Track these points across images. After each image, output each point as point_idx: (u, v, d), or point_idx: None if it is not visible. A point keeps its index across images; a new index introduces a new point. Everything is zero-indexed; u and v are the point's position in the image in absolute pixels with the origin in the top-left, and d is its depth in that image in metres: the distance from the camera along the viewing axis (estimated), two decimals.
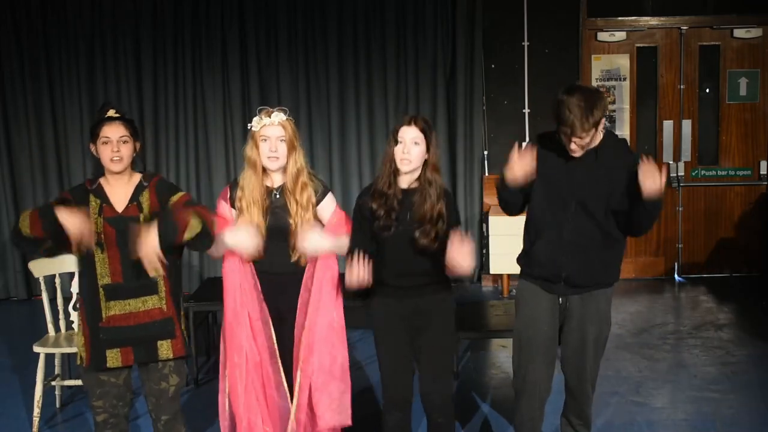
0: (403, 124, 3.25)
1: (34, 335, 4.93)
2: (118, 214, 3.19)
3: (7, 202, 7.18)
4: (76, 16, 7.01)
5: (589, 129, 3.09)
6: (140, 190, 3.24)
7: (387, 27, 7.04)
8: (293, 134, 3.42)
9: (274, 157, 3.36)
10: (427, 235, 3.22)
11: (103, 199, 3.21)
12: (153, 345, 3.21)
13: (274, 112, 3.41)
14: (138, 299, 3.19)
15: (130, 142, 3.22)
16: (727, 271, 7.45)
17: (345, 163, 7.19)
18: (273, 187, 3.43)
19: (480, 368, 5.13)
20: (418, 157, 3.22)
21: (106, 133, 3.18)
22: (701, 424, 4.20)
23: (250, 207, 3.37)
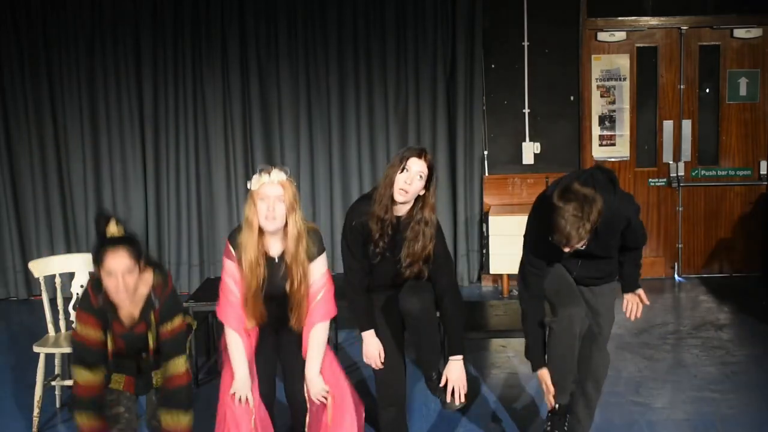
0: (413, 155, 3.26)
1: (34, 335, 4.93)
2: (127, 332, 3.20)
3: (7, 202, 7.17)
4: (76, 16, 7.01)
5: (584, 238, 3.10)
6: (149, 307, 3.19)
7: (387, 26, 7.04)
8: (293, 195, 3.32)
9: (272, 217, 3.26)
10: (414, 271, 3.34)
11: (113, 314, 3.16)
12: (148, 376, 3.33)
13: (274, 171, 3.31)
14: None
15: (135, 270, 3.08)
16: (727, 271, 7.45)
17: (345, 163, 7.19)
18: (271, 257, 3.37)
19: (480, 368, 5.13)
20: (416, 190, 3.27)
21: (110, 266, 3.03)
22: (701, 424, 4.19)
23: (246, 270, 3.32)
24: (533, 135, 7.20)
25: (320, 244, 3.43)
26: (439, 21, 7.03)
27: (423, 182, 3.24)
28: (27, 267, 5.53)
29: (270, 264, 3.35)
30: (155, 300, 3.19)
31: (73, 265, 4.52)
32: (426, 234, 3.26)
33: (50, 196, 7.20)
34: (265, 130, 7.10)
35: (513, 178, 7.20)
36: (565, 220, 3.05)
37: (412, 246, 3.26)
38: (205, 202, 7.23)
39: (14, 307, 7.11)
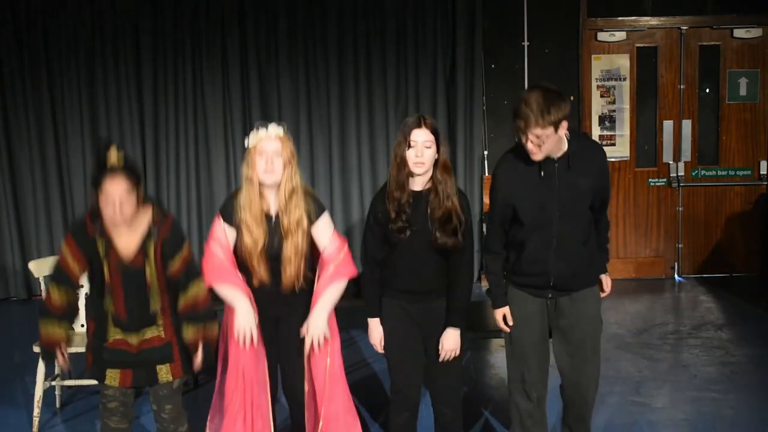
0: (414, 127, 3.21)
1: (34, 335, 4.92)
2: (124, 263, 3.16)
3: (7, 202, 7.17)
4: (76, 16, 7.01)
5: (545, 125, 3.01)
6: (149, 239, 3.17)
7: (387, 27, 7.04)
8: (290, 151, 3.33)
9: (270, 171, 3.28)
10: (448, 233, 3.21)
11: (108, 242, 3.14)
12: (152, 369, 3.26)
13: (272, 126, 3.32)
14: (139, 332, 3.23)
15: (133, 194, 3.08)
16: (727, 271, 7.45)
17: (345, 164, 7.19)
18: (270, 214, 3.37)
19: (480, 368, 5.13)
20: (429, 159, 3.22)
21: (109, 192, 3.03)
22: (701, 424, 4.19)
23: (252, 226, 3.32)
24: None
25: (319, 204, 3.43)
26: (439, 21, 7.03)
27: (433, 149, 3.22)
28: (27, 267, 5.51)
29: (269, 222, 3.36)
30: (155, 232, 3.17)
31: None
32: (447, 193, 3.23)
33: (50, 196, 7.20)
34: None
35: None
36: (526, 104, 3.01)
37: (437, 208, 3.22)
38: (205, 201, 7.23)
39: (14, 307, 7.11)
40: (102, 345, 3.23)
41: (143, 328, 3.22)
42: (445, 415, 3.41)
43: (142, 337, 3.22)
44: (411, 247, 3.25)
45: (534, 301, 3.34)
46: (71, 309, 3.22)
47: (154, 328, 3.23)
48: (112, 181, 3.03)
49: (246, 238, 3.33)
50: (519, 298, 3.37)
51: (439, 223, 3.21)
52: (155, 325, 3.23)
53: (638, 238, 7.43)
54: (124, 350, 3.23)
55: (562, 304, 3.32)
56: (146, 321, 3.22)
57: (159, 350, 3.25)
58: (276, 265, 3.37)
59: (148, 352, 3.24)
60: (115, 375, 3.23)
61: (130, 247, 3.15)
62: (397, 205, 3.23)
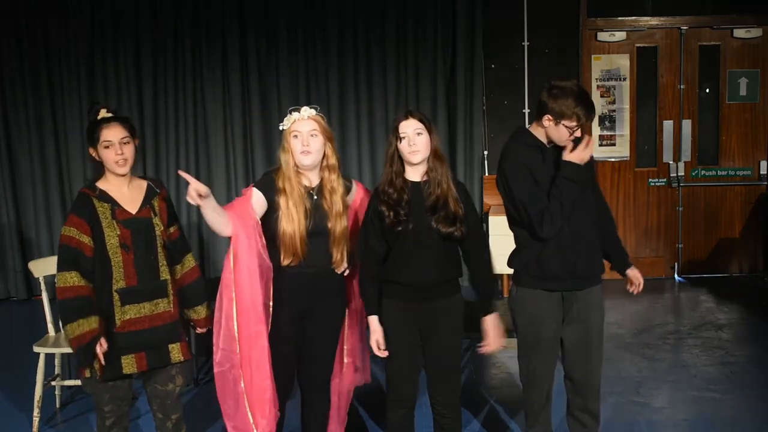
0: (401, 120, 3.26)
1: (34, 335, 4.93)
2: (132, 216, 3.18)
3: (7, 202, 7.18)
4: (76, 16, 7.01)
5: None
6: (152, 194, 3.26)
7: (387, 27, 7.04)
8: (327, 128, 3.37)
9: (307, 152, 3.30)
10: (444, 221, 3.22)
11: (112, 203, 3.16)
12: (165, 349, 3.23)
13: (304, 108, 3.36)
14: (151, 302, 3.19)
15: (131, 142, 3.20)
16: (727, 271, 7.45)
17: (345, 164, 7.18)
18: (311, 187, 3.38)
19: (480, 368, 5.13)
20: (425, 145, 3.24)
21: (107, 137, 3.14)
22: (701, 424, 4.19)
23: (295, 208, 3.30)
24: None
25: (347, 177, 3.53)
26: (439, 21, 7.03)
27: (426, 136, 3.24)
28: (27, 267, 5.52)
29: (309, 196, 3.36)
30: (156, 189, 3.26)
31: None
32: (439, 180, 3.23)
33: (50, 196, 7.20)
34: (265, 130, 7.10)
35: None
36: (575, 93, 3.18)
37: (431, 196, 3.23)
38: None
39: (14, 307, 7.11)
40: (112, 333, 3.13)
41: (156, 297, 3.19)
42: (444, 417, 3.42)
43: (155, 308, 3.18)
44: (412, 239, 3.25)
45: (549, 298, 3.36)
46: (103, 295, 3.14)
47: (166, 300, 3.22)
48: (109, 127, 3.16)
49: (286, 223, 3.29)
50: (532, 296, 3.37)
51: (435, 210, 3.22)
52: (166, 298, 3.22)
53: (638, 238, 7.43)
54: (136, 331, 3.16)
55: (576, 297, 3.36)
56: (158, 289, 3.20)
57: (170, 327, 3.22)
58: (320, 243, 3.36)
59: (159, 331, 3.20)
60: (131, 361, 3.16)
61: (135, 201, 3.21)
62: (389, 200, 3.25)
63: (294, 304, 3.39)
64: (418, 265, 3.26)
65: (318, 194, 3.37)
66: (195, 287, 3.33)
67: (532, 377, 3.43)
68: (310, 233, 3.33)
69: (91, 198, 3.15)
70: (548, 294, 3.35)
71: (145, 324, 3.17)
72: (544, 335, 3.37)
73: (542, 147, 3.32)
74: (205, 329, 3.38)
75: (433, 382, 3.39)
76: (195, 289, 3.32)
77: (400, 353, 3.34)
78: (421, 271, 3.27)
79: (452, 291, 3.35)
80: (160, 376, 3.27)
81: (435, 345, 3.34)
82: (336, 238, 3.36)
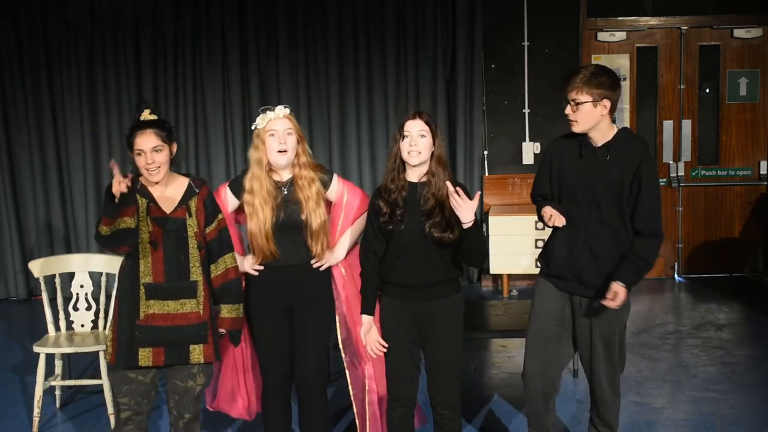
0: (408, 119, 3.26)
1: (34, 335, 4.93)
2: (165, 215, 3.19)
3: (7, 202, 7.17)
4: (76, 16, 7.01)
5: (582, 90, 3.13)
6: (190, 194, 3.25)
7: (387, 27, 7.04)
8: (299, 126, 3.45)
9: (283, 151, 3.35)
10: (438, 226, 3.21)
11: (150, 199, 3.20)
12: (185, 348, 3.22)
13: (278, 107, 3.41)
14: (177, 301, 3.19)
15: (164, 149, 3.19)
16: (727, 271, 7.45)
17: (345, 164, 7.19)
18: (282, 182, 3.42)
19: (480, 368, 5.13)
20: (426, 148, 3.23)
21: (139, 145, 3.16)
22: (701, 424, 4.19)
23: (261, 206, 3.35)
24: (533, 135, 7.20)
25: (326, 170, 3.55)
26: (439, 21, 7.03)
27: (429, 139, 3.23)
28: (27, 267, 5.52)
29: (280, 191, 3.40)
30: (196, 190, 3.26)
31: (73, 265, 4.52)
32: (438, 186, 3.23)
33: (50, 196, 7.20)
34: None
35: (513, 178, 7.20)
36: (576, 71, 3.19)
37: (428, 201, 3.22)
38: None
39: (14, 307, 7.10)
40: (133, 324, 3.15)
41: (182, 297, 3.19)
42: (444, 417, 3.41)
43: (180, 308, 3.19)
44: (407, 239, 3.25)
45: (556, 295, 3.35)
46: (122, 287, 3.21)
47: (194, 301, 3.21)
48: (142, 134, 3.17)
49: (252, 221, 3.37)
50: (543, 289, 3.38)
51: (430, 214, 3.22)
52: (195, 299, 3.21)
53: None
54: (158, 326, 3.16)
55: (583, 305, 3.31)
56: (186, 289, 3.20)
57: (194, 328, 3.21)
58: (293, 237, 3.39)
59: (183, 330, 3.19)
60: (147, 354, 3.16)
61: (172, 201, 3.22)
62: (388, 197, 3.26)
63: (276, 300, 3.43)
64: (413, 265, 3.27)
65: (289, 189, 3.41)
66: (223, 288, 3.30)
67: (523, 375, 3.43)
68: (281, 228, 3.37)
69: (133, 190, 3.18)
70: (556, 291, 3.35)
71: (167, 321, 3.18)
72: (542, 330, 3.36)
73: (583, 141, 3.26)
74: (227, 330, 3.33)
75: (433, 382, 3.39)
76: (223, 290, 3.30)
77: (400, 352, 3.34)
78: (415, 271, 3.27)
79: (451, 291, 3.34)
80: (181, 372, 3.26)
81: (434, 345, 3.34)
82: (313, 230, 3.38)
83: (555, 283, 3.35)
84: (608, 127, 3.23)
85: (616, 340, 3.34)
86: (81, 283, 4.46)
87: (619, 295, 3.17)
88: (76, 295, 4.46)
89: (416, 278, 3.27)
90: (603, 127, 3.21)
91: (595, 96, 3.14)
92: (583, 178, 3.23)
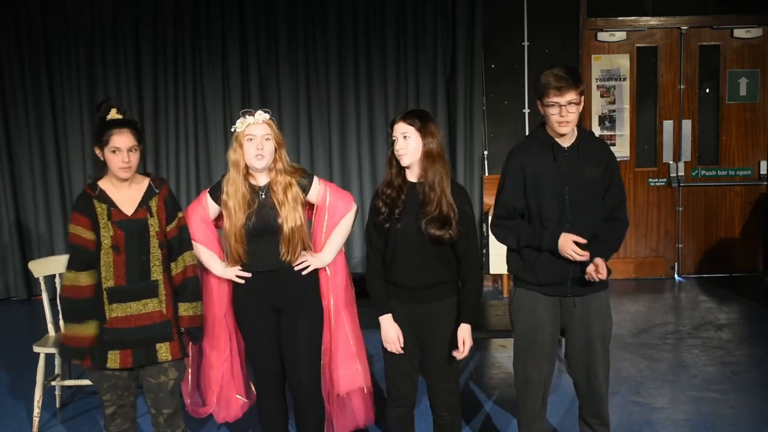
0: (395, 124, 3.30)
1: (34, 335, 4.93)
2: (127, 218, 3.24)
3: (7, 202, 7.18)
4: (76, 16, 7.01)
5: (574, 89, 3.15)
6: (150, 195, 3.30)
7: (387, 27, 7.04)
8: (278, 133, 3.45)
9: (260, 155, 3.35)
10: (435, 222, 3.21)
11: (110, 204, 3.24)
12: (152, 347, 3.27)
13: (258, 112, 3.41)
14: (139, 302, 3.25)
15: (138, 150, 3.25)
16: (727, 271, 7.45)
17: (345, 164, 7.19)
18: (258, 186, 3.43)
19: (480, 368, 5.13)
20: (411, 148, 3.24)
21: (116, 143, 3.19)
22: (701, 424, 4.19)
23: (235, 209, 3.37)
24: None
25: (307, 173, 3.54)
26: (439, 21, 7.03)
27: (414, 138, 3.24)
28: (27, 267, 5.52)
29: (257, 195, 3.41)
30: (156, 189, 3.31)
31: None
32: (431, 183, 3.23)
33: (50, 196, 7.21)
34: None
35: None
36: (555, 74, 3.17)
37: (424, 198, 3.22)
38: None
39: (14, 307, 7.11)
40: (102, 327, 3.24)
41: (144, 298, 3.25)
42: (443, 418, 3.42)
43: (143, 308, 3.24)
44: (404, 238, 3.26)
45: (546, 302, 3.33)
46: (98, 293, 3.23)
47: (156, 300, 3.26)
48: (120, 133, 3.20)
49: (227, 221, 3.41)
50: (530, 299, 3.36)
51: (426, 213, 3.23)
52: (157, 298, 3.26)
53: (638, 238, 7.43)
54: (123, 329, 3.23)
55: (576, 304, 3.31)
56: (147, 290, 3.25)
57: (159, 327, 3.27)
58: (271, 242, 3.40)
59: (147, 330, 3.25)
60: (115, 357, 3.24)
61: (132, 202, 3.26)
62: (386, 197, 3.29)
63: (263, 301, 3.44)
64: (410, 266, 3.27)
65: (266, 193, 3.41)
66: (182, 286, 3.34)
67: (527, 384, 3.40)
68: (256, 232, 3.39)
69: (91, 197, 3.24)
70: (545, 298, 3.33)
71: (130, 323, 3.24)
72: (540, 340, 3.35)
73: (555, 145, 3.27)
74: (185, 328, 3.35)
75: (432, 383, 3.39)
76: (182, 288, 3.34)
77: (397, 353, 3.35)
78: (413, 272, 3.27)
79: (449, 293, 3.34)
80: (152, 369, 3.32)
81: (433, 346, 3.34)
82: (284, 234, 3.38)
83: (545, 291, 3.33)
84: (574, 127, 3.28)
85: (609, 334, 3.39)
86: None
87: (600, 266, 3.19)
88: None
89: (414, 279, 3.28)
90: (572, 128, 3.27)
91: (582, 94, 3.21)
92: (562, 180, 3.25)
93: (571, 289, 3.30)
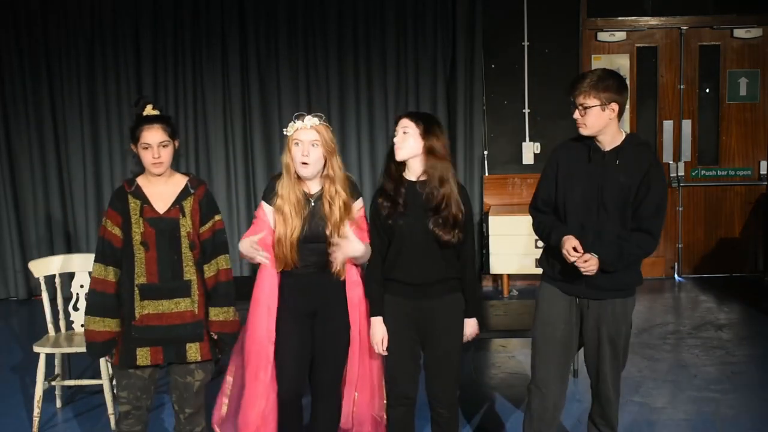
0: (398, 121, 3.33)
1: (34, 335, 4.93)
2: (159, 216, 3.25)
3: (7, 202, 7.17)
4: (76, 16, 7.01)
5: (590, 94, 3.14)
6: (185, 194, 3.31)
7: (387, 27, 7.04)
8: (330, 139, 3.36)
9: (305, 163, 3.30)
10: (445, 225, 3.22)
11: (143, 200, 3.26)
12: (182, 347, 3.28)
13: (308, 117, 3.35)
14: (171, 300, 3.26)
15: (170, 145, 3.27)
16: (727, 271, 7.45)
17: (345, 164, 7.12)
18: (310, 194, 3.39)
19: (480, 368, 5.13)
20: (410, 145, 3.25)
21: (146, 140, 3.22)
22: (701, 424, 4.20)
23: (291, 215, 3.33)
24: (533, 135, 7.20)
25: (356, 189, 3.50)
26: (439, 21, 7.03)
27: (413, 135, 3.25)
28: (27, 267, 5.52)
29: (308, 203, 3.38)
30: (192, 189, 3.32)
31: (73, 265, 4.52)
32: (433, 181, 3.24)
33: (50, 196, 7.20)
34: (265, 129, 7.10)
35: (513, 178, 7.20)
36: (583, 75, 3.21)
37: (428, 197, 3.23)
38: None
39: (14, 307, 7.10)
40: (130, 324, 3.24)
41: (176, 297, 3.25)
42: (442, 415, 3.42)
43: (174, 307, 3.24)
44: (409, 235, 3.27)
45: (563, 299, 3.34)
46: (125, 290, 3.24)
47: (188, 300, 3.27)
48: (150, 129, 3.22)
49: (280, 226, 3.34)
50: (549, 294, 3.38)
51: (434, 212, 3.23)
52: (189, 297, 3.27)
53: None
54: (153, 326, 3.23)
55: (590, 306, 3.30)
56: (179, 289, 3.26)
57: (190, 327, 3.27)
58: (316, 248, 3.36)
59: (178, 329, 3.26)
60: (145, 353, 3.23)
61: (166, 201, 3.27)
62: (387, 194, 3.30)
63: (297, 305, 3.40)
64: (413, 264, 3.28)
65: (317, 201, 3.38)
66: (213, 290, 3.32)
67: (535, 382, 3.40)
68: (306, 239, 3.35)
69: (126, 193, 3.28)
70: (562, 295, 3.34)
71: (162, 321, 3.24)
72: (550, 335, 3.35)
73: (593, 147, 3.25)
74: (218, 333, 3.33)
75: (431, 381, 3.40)
76: (213, 291, 3.32)
77: (400, 350, 3.35)
78: (416, 269, 3.28)
79: (452, 290, 3.35)
80: (180, 368, 3.32)
81: (434, 343, 3.35)
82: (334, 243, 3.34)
83: (561, 287, 3.34)
84: (616, 131, 3.23)
85: (622, 339, 3.34)
86: (81, 283, 4.46)
87: (589, 262, 3.13)
88: (76, 295, 4.46)
89: (417, 275, 3.29)
90: (611, 131, 3.21)
91: (603, 100, 3.14)
92: (592, 182, 3.22)
93: (586, 291, 3.29)
